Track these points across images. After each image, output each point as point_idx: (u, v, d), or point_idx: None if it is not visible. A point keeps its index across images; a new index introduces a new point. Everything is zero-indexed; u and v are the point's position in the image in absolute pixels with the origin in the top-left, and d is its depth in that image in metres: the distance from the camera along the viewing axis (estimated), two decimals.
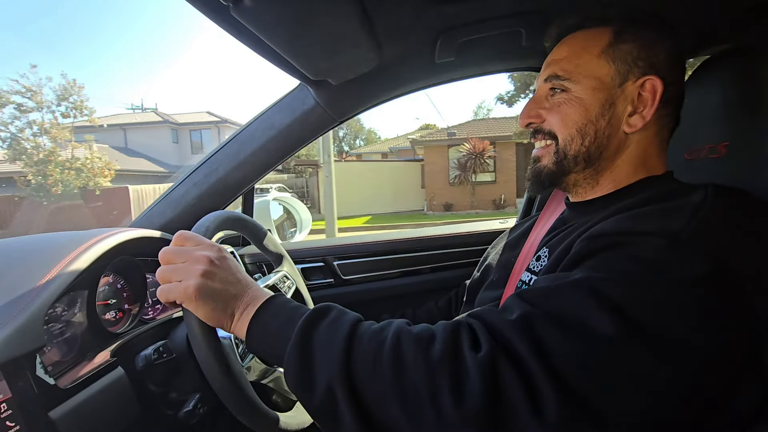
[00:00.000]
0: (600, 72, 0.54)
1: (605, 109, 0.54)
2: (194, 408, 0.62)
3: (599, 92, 0.54)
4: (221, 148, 0.98)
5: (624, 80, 0.53)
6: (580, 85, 0.54)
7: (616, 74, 0.53)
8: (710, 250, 0.38)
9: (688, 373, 0.35)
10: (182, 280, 0.48)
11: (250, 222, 0.76)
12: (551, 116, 0.57)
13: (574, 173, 0.57)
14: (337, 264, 1.17)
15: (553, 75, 0.56)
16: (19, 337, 0.48)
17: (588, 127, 0.54)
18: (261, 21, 0.57)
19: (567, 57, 0.56)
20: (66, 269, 0.58)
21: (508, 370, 0.36)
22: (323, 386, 0.39)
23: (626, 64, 0.53)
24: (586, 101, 0.54)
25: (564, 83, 0.55)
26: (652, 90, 0.52)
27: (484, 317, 0.42)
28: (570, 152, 0.55)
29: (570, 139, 0.55)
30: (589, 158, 0.55)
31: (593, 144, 0.54)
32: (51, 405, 0.49)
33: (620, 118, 0.54)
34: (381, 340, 0.41)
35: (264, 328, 0.47)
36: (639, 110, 0.53)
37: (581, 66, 0.55)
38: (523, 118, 0.60)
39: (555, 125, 0.56)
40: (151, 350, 0.63)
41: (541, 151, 0.59)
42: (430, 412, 0.36)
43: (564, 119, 0.55)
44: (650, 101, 0.52)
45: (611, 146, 0.54)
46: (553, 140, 0.57)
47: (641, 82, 0.53)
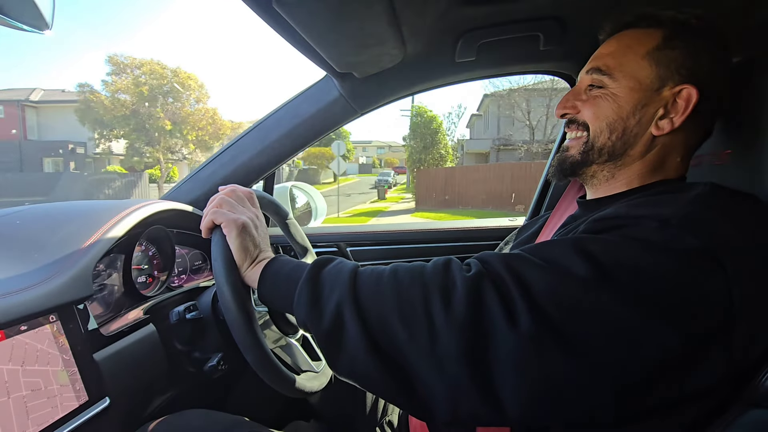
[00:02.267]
0: (641, 74, 0.55)
1: (637, 109, 0.55)
2: (217, 364, 0.68)
3: (635, 92, 0.55)
4: (248, 132, 1.04)
5: (663, 85, 0.54)
6: (618, 83, 0.56)
7: (656, 78, 0.54)
8: (695, 233, 0.41)
9: (647, 325, 0.39)
10: (235, 213, 0.57)
11: (282, 208, 0.82)
12: (586, 108, 0.58)
13: (596, 164, 0.59)
14: (350, 250, 1.22)
15: (595, 68, 0.58)
16: (73, 285, 0.54)
17: (618, 123, 0.56)
18: (299, 15, 0.62)
19: (612, 53, 0.57)
20: (108, 233, 0.64)
21: (491, 288, 0.42)
22: (332, 309, 0.46)
23: (669, 70, 0.54)
24: (620, 98, 0.55)
25: (603, 78, 0.57)
26: (687, 98, 0.53)
27: (481, 255, 0.48)
28: (597, 144, 0.57)
29: (599, 131, 0.57)
30: (613, 153, 0.57)
31: (620, 140, 0.56)
32: (96, 348, 0.55)
33: (650, 119, 0.55)
34: (381, 270, 0.48)
35: (275, 274, 0.54)
36: (670, 115, 0.54)
37: (624, 64, 0.56)
38: (559, 109, 0.62)
39: (588, 117, 0.58)
40: (183, 307, 0.69)
41: (573, 142, 0.61)
42: (423, 322, 0.42)
43: (596, 112, 0.57)
44: (683, 109, 0.53)
45: (637, 145, 0.56)
46: (586, 131, 0.59)
47: (678, 89, 0.53)
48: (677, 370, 0.40)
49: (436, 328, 0.41)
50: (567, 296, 0.40)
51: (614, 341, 0.39)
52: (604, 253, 0.42)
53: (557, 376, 0.39)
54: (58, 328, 0.52)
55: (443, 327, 0.41)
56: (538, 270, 0.43)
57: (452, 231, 1.28)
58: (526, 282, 0.42)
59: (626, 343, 0.39)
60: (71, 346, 0.52)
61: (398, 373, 0.43)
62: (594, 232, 0.47)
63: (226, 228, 0.56)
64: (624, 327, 0.39)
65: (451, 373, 0.41)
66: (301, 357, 0.74)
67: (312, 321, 0.47)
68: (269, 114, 1.03)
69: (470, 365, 0.40)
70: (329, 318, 0.45)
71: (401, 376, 0.43)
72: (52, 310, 0.51)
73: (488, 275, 0.43)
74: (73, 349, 0.52)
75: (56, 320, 0.52)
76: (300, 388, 0.61)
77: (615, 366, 0.39)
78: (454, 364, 0.40)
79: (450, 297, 0.42)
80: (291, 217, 0.86)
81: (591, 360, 0.39)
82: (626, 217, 0.46)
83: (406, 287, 0.45)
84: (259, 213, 0.63)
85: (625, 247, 0.42)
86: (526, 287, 0.41)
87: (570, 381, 0.39)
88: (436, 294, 0.43)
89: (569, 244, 0.44)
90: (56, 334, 0.51)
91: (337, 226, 1.31)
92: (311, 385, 0.65)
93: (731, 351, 0.41)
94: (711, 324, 0.40)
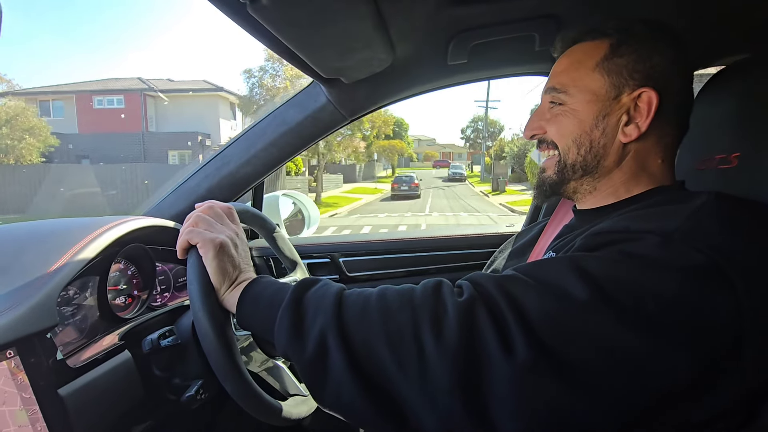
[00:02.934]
0: (594, 85, 0.55)
1: (599, 121, 0.55)
2: (196, 393, 0.64)
3: (593, 104, 0.55)
4: (233, 142, 1.00)
5: (619, 93, 0.54)
6: (574, 98, 0.56)
7: (610, 87, 0.54)
8: (701, 249, 0.38)
9: (653, 350, 0.36)
10: (212, 232, 0.55)
11: (268, 221, 0.78)
12: (551, 127, 0.58)
13: (573, 181, 0.58)
14: (343, 261, 1.18)
15: (551, 88, 0.58)
16: (33, 316, 0.50)
17: (583, 137, 0.55)
18: (276, 19, 0.58)
19: (564, 70, 0.58)
20: (79, 254, 0.60)
21: (484, 313, 0.40)
22: (315, 335, 0.43)
23: (621, 78, 0.54)
24: (580, 113, 0.55)
25: (560, 96, 0.57)
26: (648, 101, 0.52)
27: (473, 276, 0.46)
28: (569, 161, 0.57)
29: (567, 149, 0.57)
30: (586, 167, 0.56)
31: (589, 153, 0.56)
32: (60, 382, 0.51)
33: (615, 128, 0.54)
34: (368, 293, 0.46)
35: (255, 297, 0.51)
36: (635, 120, 0.53)
37: (576, 79, 0.56)
38: (527, 131, 0.62)
39: (554, 135, 0.58)
40: (157, 335, 0.64)
41: (547, 163, 0.61)
42: (412, 350, 0.40)
43: (560, 130, 0.57)
44: (646, 112, 0.53)
45: (608, 155, 0.55)
46: (556, 149, 0.59)
47: (636, 94, 0.53)
48: (686, 395, 0.37)
49: (427, 357, 0.39)
50: (565, 321, 0.38)
51: (616, 368, 0.36)
52: (603, 273, 0.39)
53: (556, 406, 0.36)
54: (17, 364, 0.48)
55: (434, 355, 0.39)
56: (533, 292, 0.40)
57: (447, 239, 1.24)
58: (521, 306, 0.39)
59: (630, 370, 0.36)
60: (32, 382, 0.48)
61: (387, 403, 0.40)
62: (591, 248, 0.44)
63: (203, 248, 0.53)
64: (626, 353, 0.36)
65: (443, 403, 0.38)
66: (289, 380, 0.71)
67: (293, 349, 0.44)
68: (255, 123, 1.00)
69: (463, 396, 0.38)
70: (312, 346, 0.43)
71: (391, 407, 0.40)
72: (10, 344, 0.47)
73: (481, 299, 0.41)
74: (34, 386, 0.48)
75: (14, 355, 0.48)
76: (287, 417, 0.58)
77: (618, 394, 0.36)
78: (446, 394, 0.38)
79: (441, 323, 0.40)
80: (278, 230, 0.83)
81: (592, 388, 0.36)
82: (625, 232, 0.43)
83: (394, 312, 0.42)
84: (239, 230, 0.59)
85: (626, 265, 0.39)
86: (521, 312, 0.39)
87: (570, 411, 0.36)
88: (426, 320, 0.40)
89: (566, 263, 0.41)
90: (14, 371, 0.47)
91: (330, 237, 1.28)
92: (299, 411, 0.61)
93: (744, 371, 0.38)
94: (721, 345, 0.37)
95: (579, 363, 0.37)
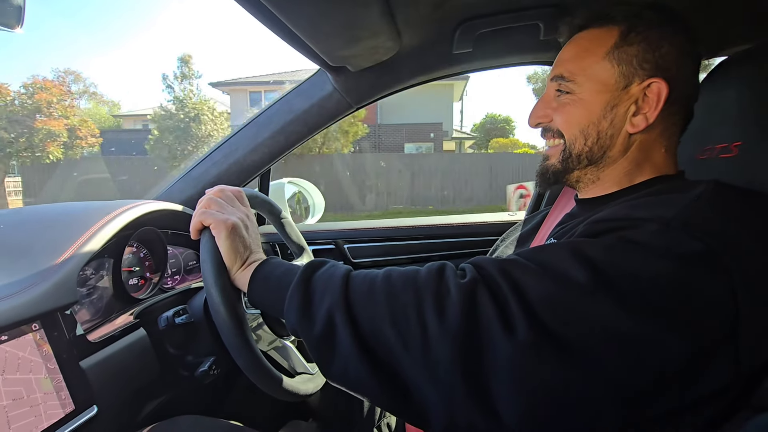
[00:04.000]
0: (603, 75, 0.54)
1: (607, 111, 0.54)
2: (209, 369, 0.67)
3: (602, 94, 0.54)
4: (240, 130, 1.02)
5: (628, 83, 0.53)
6: (582, 87, 0.55)
7: (620, 77, 0.53)
8: (698, 236, 0.39)
9: (651, 334, 0.37)
10: (224, 213, 0.56)
11: (275, 206, 0.80)
12: (557, 116, 0.57)
13: (577, 170, 0.58)
14: (348, 247, 1.20)
15: (558, 75, 0.57)
16: (57, 292, 0.52)
17: (590, 128, 0.55)
18: (287, 7, 0.60)
19: (572, 58, 0.56)
20: (95, 236, 0.63)
21: (486, 294, 0.41)
22: (323, 314, 0.44)
23: (631, 67, 0.52)
24: (588, 103, 0.54)
25: (568, 84, 0.56)
26: (658, 92, 0.52)
27: (476, 260, 0.47)
28: (574, 151, 0.56)
29: (574, 138, 0.56)
30: (592, 157, 0.56)
31: (596, 144, 0.55)
32: (82, 355, 0.54)
33: (623, 118, 0.54)
34: (374, 275, 0.47)
35: (266, 277, 0.53)
36: (643, 111, 0.53)
37: (585, 68, 0.55)
38: (532, 118, 0.61)
39: (560, 124, 0.57)
40: (172, 312, 0.67)
41: (551, 151, 0.60)
42: (416, 329, 0.41)
43: (567, 119, 0.56)
44: (654, 103, 0.52)
45: (615, 146, 0.55)
46: (562, 139, 0.58)
47: (646, 84, 0.52)
48: (682, 378, 0.38)
49: (430, 336, 0.40)
50: (565, 303, 0.39)
51: (614, 350, 0.37)
52: (603, 258, 0.40)
53: (556, 385, 0.37)
54: (42, 336, 0.50)
55: (437, 334, 0.40)
56: (534, 275, 0.41)
57: (450, 226, 1.25)
58: (522, 288, 0.40)
59: (627, 352, 0.37)
60: (56, 354, 0.51)
61: (392, 380, 0.42)
62: (592, 235, 0.45)
63: (215, 229, 0.55)
64: (624, 335, 0.37)
65: (445, 381, 0.39)
66: (297, 359, 0.73)
67: (303, 327, 0.46)
68: (262, 110, 1.01)
69: (465, 374, 0.39)
70: (320, 324, 0.44)
71: (395, 383, 0.42)
72: (35, 318, 0.50)
73: (483, 281, 0.42)
74: (57, 357, 0.51)
75: (39, 328, 0.50)
76: (294, 392, 0.60)
77: (615, 375, 0.37)
78: (449, 372, 0.39)
79: (444, 304, 0.41)
80: (285, 215, 0.84)
81: (591, 369, 0.37)
82: (626, 219, 0.44)
83: (399, 293, 0.44)
84: (249, 212, 0.61)
85: (625, 251, 0.40)
86: (522, 293, 0.40)
87: (569, 391, 0.37)
88: (429, 300, 0.42)
89: (567, 248, 0.42)
90: (40, 342, 0.50)
91: (335, 223, 1.30)
92: (306, 388, 0.64)
93: (738, 356, 0.39)
94: (716, 330, 0.38)
95: (577, 344, 0.37)
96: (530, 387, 0.37)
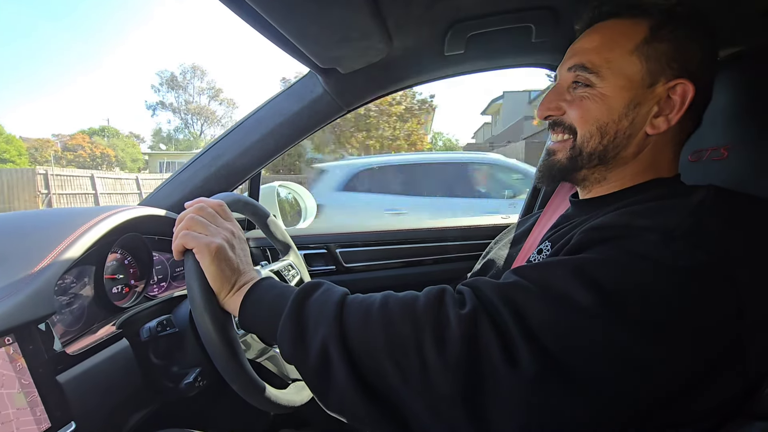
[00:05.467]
0: (630, 70, 0.50)
1: (630, 109, 0.51)
2: (194, 380, 0.64)
3: (626, 91, 0.50)
4: (229, 133, 1.00)
5: (654, 81, 0.50)
6: (606, 82, 0.51)
7: (647, 74, 0.50)
8: (702, 247, 0.38)
9: (662, 354, 0.36)
10: (207, 236, 0.51)
11: (260, 208, 0.78)
12: (572, 110, 0.54)
13: (585, 169, 0.55)
14: (340, 252, 1.19)
15: (579, 65, 0.53)
16: (32, 303, 0.50)
17: (609, 126, 0.51)
18: (273, 7, 0.58)
19: (597, 48, 0.52)
20: (76, 243, 0.60)
21: (486, 325, 0.39)
22: (318, 345, 0.42)
23: (659, 65, 0.50)
24: (610, 99, 0.51)
25: (590, 77, 0.52)
26: (683, 94, 0.49)
27: (474, 282, 0.45)
28: (586, 149, 0.53)
29: (589, 136, 0.53)
30: (605, 156, 0.53)
31: (611, 143, 0.52)
32: (59, 369, 0.51)
33: (644, 118, 0.51)
34: (370, 302, 0.45)
35: (256, 303, 0.50)
36: (665, 113, 0.50)
37: (611, 61, 0.51)
38: (541, 110, 0.57)
39: (575, 120, 0.53)
40: (155, 323, 0.65)
41: (558, 146, 0.57)
42: (415, 362, 0.39)
43: (585, 115, 0.52)
44: (678, 105, 0.50)
45: (630, 146, 0.52)
46: (572, 135, 0.54)
47: (672, 85, 0.50)
48: (689, 392, 0.38)
49: (429, 369, 0.39)
50: (569, 328, 0.37)
51: (621, 372, 0.36)
52: (605, 277, 0.38)
53: (562, 415, 0.36)
54: (15, 350, 0.48)
55: (437, 368, 0.38)
56: (536, 300, 0.39)
57: (443, 230, 1.24)
58: (523, 314, 0.39)
59: (636, 373, 0.36)
60: (30, 368, 0.48)
61: (391, 412, 0.41)
62: (590, 244, 0.43)
63: (199, 254, 0.50)
64: (631, 357, 0.36)
65: (447, 415, 0.38)
66: (289, 366, 0.71)
67: (296, 357, 0.44)
68: (251, 113, 0.99)
69: (467, 408, 0.38)
70: (315, 355, 0.43)
71: (395, 415, 0.41)
72: (8, 331, 0.47)
73: (483, 309, 0.40)
74: (32, 372, 0.48)
75: (13, 342, 0.48)
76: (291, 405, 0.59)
77: (623, 396, 0.36)
78: (450, 406, 0.38)
79: (444, 335, 0.40)
80: (271, 216, 0.83)
81: (598, 396, 0.36)
82: (625, 227, 0.43)
83: (396, 323, 0.42)
84: (235, 227, 0.57)
85: (628, 266, 0.39)
86: (524, 321, 0.38)
87: (575, 419, 0.36)
88: (428, 332, 0.40)
89: (568, 267, 0.41)
90: (14, 356, 0.47)
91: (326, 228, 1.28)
92: (301, 398, 0.63)
93: (745, 365, 0.38)
94: (724, 342, 0.37)
95: (582, 370, 0.36)
96: (534, 419, 0.36)
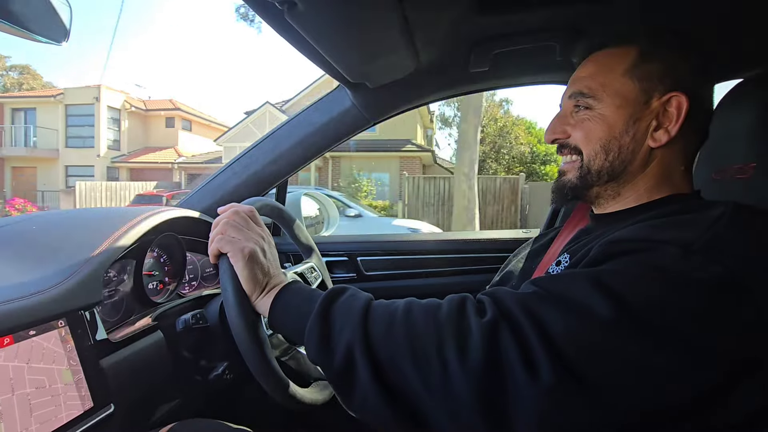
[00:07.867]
0: (625, 90, 0.54)
1: (629, 126, 0.54)
2: (222, 373, 0.68)
3: (623, 109, 0.54)
4: (261, 142, 1.05)
5: (649, 98, 0.53)
6: (603, 103, 0.55)
7: (640, 93, 0.54)
8: (721, 261, 0.39)
9: (680, 366, 0.36)
10: (241, 240, 0.55)
11: (287, 213, 0.82)
12: (576, 132, 0.57)
13: (597, 186, 0.58)
14: (361, 260, 1.21)
15: (577, 92, 0.57)
16: (82, 291, 0.54)
17: (612, 143, 0.55)
18: (310, 25, 0.63)
19: (592, 75, 0.57)
20: (120, 239, 0.65)
21: (507, 334, 0.40)
22: (343, 349, 0.44)
23: (651, 82, 0.53)
24: (609, 118, 0.55)
25: (588, 101, 0.56)
26: (678, 106, 0.52)
27: (494, 292, 0.46)
28: (594, 167, 0.56)
29: (594, 154, 0.56)
30: (613, 172, 0.56)
31: (617, 159, 0.55)
32: (102, 354, 0.56)
33: (645, 133, 0.54)
34: (394, 308, 0.47)
35: (285, 306, 0.53)
36: (664, 125, 0.53)
37: (606, 84, 0.55)
38: (548, 134, 0.61)
39: (580, 141, 0.57)
40: (190, 315, 0.69)
41: (567, 166, 0.60)
42: (437, 368, 0.41)
43: (588, 135, 0.56)
44: (675, 117, 0.52)
45: (636, 160, 0.55)
46: (579, 155, 0.58)
47: (667, 98, 0.53)
48: (710, 405, 0.38)
49: (450, 375, 0.40)
50: (590, 340, 0.38)
51: (640, 385, 0.37)
52: (625, 289, 0.39)
53: (579, 425, 0.37)
54: (66, 333, 0.52)
55: (458, 374, 0.40)
56: (556, 311, 0.40)
57: (463, 241, 1.26)
58: (543, 325, 0.40)
59: (653, 385, 0.37)
60: (78, 351, 0.52)
61: (412, 416, 0.42)
62: (609, 257, 0.44)
63: (233, 258, 0.54)
64: (654, 370, 0.37)
65: (466, 420, 0.40)
66: (312, 366, 0.74)
67: (322, 360, 0.47)
68: (282, 124, 1.04)
69: (486, 414, 0.39)
70: (340, 358, 0.45)
71: (415, 419, 0.42)
72: (61, 315, 0.52)
73: (505, 320, 0.41)
74: (80, 355, 0.53)
75: (65, 325, 0.52)
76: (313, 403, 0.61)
77: (643, 408, 0.37)
78: (470, 412, 0.39)
79: (465, 343, 0.41)
80: (296, 221, 0.86)
81: (615, 407, 0.37)
82: (645, 241, 0.43)
83: (419, 329, 0.44)
84: (264, 232, 0.61)
85: (647, 279, 0.40)
86: (545, 332, 0.39)
87: (593, 427, 0.37)
88: (450, 339, 0.42)
89: (588, 279, 0.42)
90: (65, 338, 0.52)
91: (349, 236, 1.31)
92: (323, 397, 0.65)
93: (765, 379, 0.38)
94: (744, 355, 0.38)
95: (603, 382, 0.37)
96: (551, 427, 0.37)
